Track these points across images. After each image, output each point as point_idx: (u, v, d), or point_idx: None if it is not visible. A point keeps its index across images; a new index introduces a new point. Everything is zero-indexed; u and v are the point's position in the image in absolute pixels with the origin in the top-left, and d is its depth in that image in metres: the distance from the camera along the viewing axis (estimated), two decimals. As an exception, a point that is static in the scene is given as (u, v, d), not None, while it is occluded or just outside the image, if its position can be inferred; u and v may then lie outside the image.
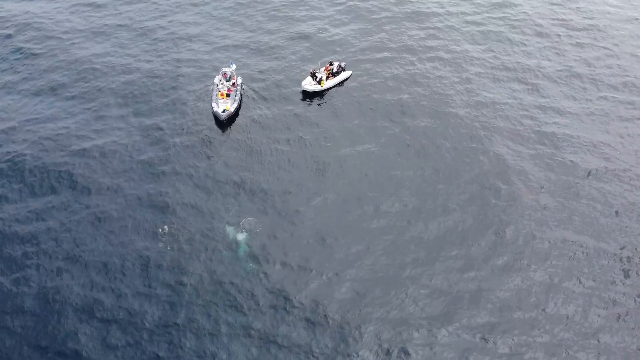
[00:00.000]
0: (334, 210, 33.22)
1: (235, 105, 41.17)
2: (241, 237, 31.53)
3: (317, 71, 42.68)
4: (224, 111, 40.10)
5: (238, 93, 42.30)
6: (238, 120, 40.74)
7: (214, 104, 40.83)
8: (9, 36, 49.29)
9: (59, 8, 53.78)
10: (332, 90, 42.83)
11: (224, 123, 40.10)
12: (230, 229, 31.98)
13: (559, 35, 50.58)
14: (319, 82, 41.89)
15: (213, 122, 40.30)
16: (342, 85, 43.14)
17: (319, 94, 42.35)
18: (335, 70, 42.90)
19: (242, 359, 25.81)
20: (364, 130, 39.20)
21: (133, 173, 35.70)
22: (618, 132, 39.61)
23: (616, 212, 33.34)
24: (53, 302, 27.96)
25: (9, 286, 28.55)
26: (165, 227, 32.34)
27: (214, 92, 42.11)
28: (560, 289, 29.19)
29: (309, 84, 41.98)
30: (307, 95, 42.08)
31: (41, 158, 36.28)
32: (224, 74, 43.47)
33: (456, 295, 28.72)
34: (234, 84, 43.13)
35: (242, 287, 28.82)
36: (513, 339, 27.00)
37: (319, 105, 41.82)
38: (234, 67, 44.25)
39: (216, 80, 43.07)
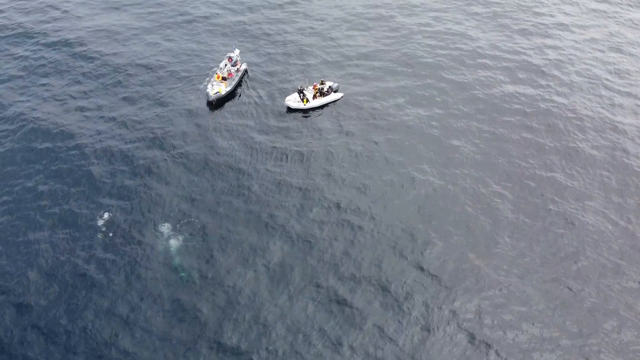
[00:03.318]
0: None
1: (229, 89, 43.57)
2: (174, 240, 31.92)
3: (305, 89, 42.82)
4: (215, 93, 42.88)
5: (236, 79, 44.75)
6: (226, 109, 43.01)
7: (208, 85, 43.81)
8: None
9: None
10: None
11: (213, 104, 43.03)
12: (166, 227, 32.73)
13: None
14: (302, 100, 42.25)
15: (199, 103, 43.26)
16: (327, 106, 42.98)
17: (304, 111, 42.63)
18: (325, 90, 42.84)
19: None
20: (339, 144, 39.79)
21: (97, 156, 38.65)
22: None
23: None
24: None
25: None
26: (106, 215, 33.43)
27: (213, 74, 45.07)
28: None
29: (293, 100, 42.38)
30: (292, 111, 42.55)
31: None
32: (229, 58, 45.94)
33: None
34: (237, 69, 45.88)
35: (165, 288, 29.75)
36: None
37: (306, 117, 42.40)
38: (237, 51, 46.38)
39: (222, 64, 45.72)
